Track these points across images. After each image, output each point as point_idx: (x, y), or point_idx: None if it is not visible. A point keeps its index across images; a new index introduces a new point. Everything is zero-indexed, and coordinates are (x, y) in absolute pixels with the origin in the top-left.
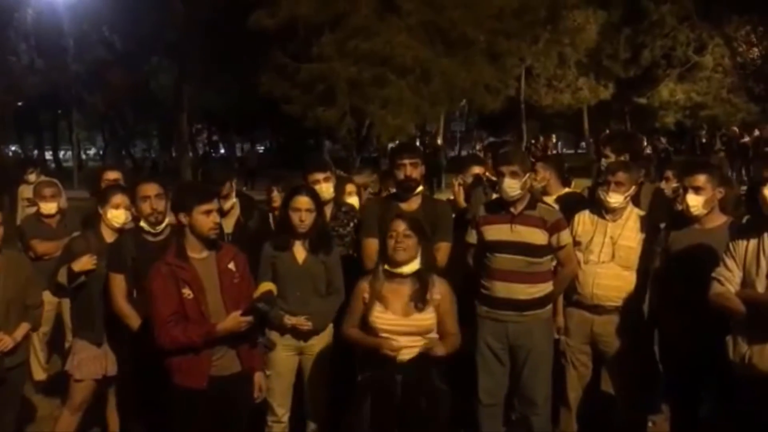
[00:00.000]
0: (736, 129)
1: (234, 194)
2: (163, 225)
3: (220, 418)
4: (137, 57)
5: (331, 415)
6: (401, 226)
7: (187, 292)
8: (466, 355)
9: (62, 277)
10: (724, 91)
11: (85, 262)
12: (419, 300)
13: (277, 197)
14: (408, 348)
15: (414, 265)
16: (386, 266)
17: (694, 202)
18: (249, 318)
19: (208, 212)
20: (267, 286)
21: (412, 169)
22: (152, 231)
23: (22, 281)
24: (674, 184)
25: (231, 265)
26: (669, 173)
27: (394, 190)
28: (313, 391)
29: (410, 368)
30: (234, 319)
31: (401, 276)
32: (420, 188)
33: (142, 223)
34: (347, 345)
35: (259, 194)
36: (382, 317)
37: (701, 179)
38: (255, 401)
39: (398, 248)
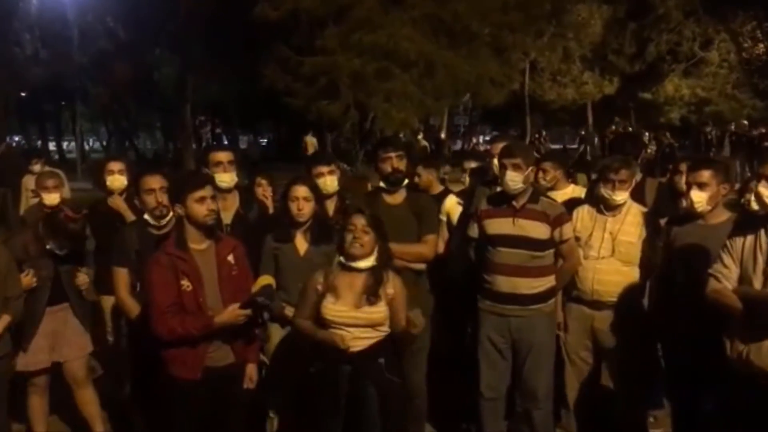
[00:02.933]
0: (746, 122)
1: (235, 170)
2: (168, 218)
3: (215, 409)
4: (141, 48)
5: None
6: (360, 222)
7: (185, 283)
8: (467, 350)
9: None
10: (729, 87)
11: (26, 282)
12: (371, 293)
13: (265, 189)
14: (359, 339)
15: (369, 261)
16: (341, 259)
17: (699, 198)
18: (247, 311)
19: (201, 199)
20: (266, 280)
21: (398, 161)
22: (157, 224)
23: (1, 273)
24: None
25: (230, 257)
26: (684, 166)
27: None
28: None
29: (358, 359)
30: (232, 312)
31: (357, 270)
32: (405, 181)
33: (147, 216)
34: (298, 334)
35: None
36: (332, 308)
37: (706, 175)
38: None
39: (355, 243)
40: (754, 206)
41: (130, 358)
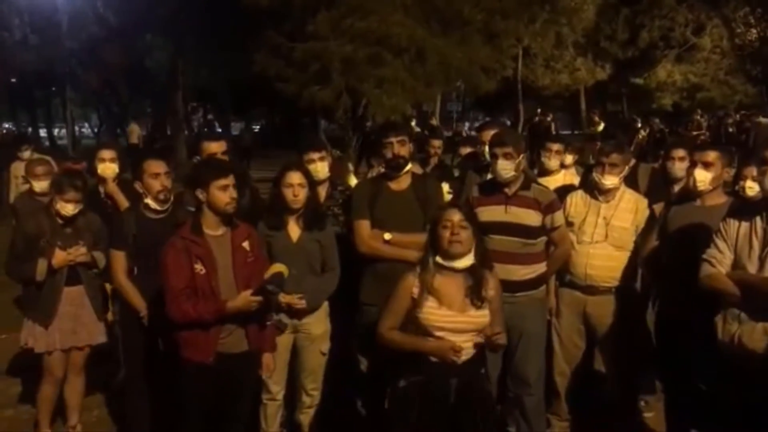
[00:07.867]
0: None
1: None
2: (169, 202)
3: (225, 394)
4: (132, 34)
5: (325, 395)
6: (456, 216)
7: (199, 267)
8: None
9: (41, 275)
10: (721, 73)
11: (63, 258)
12: (476, 296)
13: None
14: (464, 347)
15: (468, 259)
16: (438, 259)
17: (702, 176)
18: (259, 298)
19: (224, 187)
20: (278, 267)
21: (399, 146)
22: (159, 208)
23: None
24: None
25: (245, 244)
26: (678, 152)
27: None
28: (307, 371)
29: (465, 371)
30: (244, 299)
31: (453, 270)
32: (409, 166)
33: (148, 200)
34: (384, 347)
35: (255, 173)
36: (436, 313)
37: (712, 155)
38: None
39: (454, 240)
40: (749, 192)
41: (122, 344)
